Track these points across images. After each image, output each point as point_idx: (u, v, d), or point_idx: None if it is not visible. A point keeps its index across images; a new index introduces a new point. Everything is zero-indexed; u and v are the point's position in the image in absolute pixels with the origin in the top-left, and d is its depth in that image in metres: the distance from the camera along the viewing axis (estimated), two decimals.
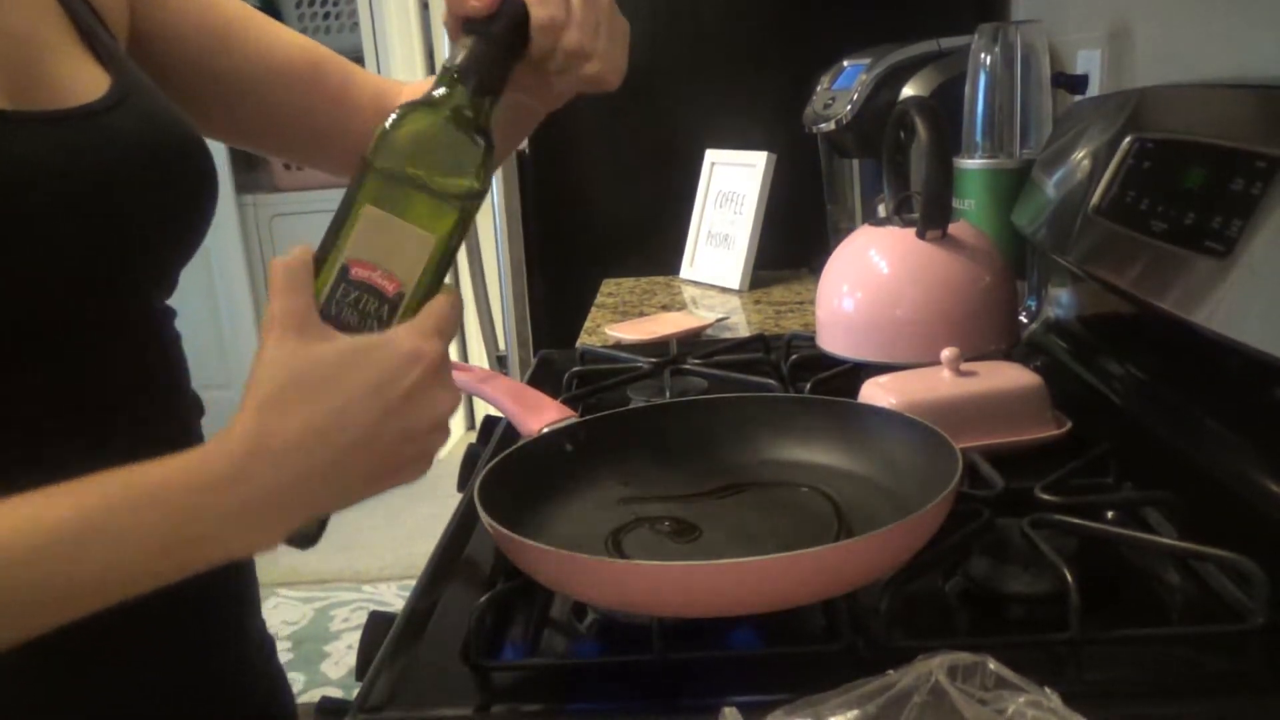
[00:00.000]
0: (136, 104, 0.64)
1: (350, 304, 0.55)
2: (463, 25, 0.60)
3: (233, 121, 0.80)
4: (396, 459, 0.53)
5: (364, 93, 0.83)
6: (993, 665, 0.45)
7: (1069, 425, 0.85)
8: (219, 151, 3.64)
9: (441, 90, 0.58)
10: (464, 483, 0.95)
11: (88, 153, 0.60)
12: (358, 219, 0.56)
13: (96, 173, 0.60)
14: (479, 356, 2.42)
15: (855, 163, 1.53)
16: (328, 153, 0.83)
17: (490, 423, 1.01)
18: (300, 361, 0.52)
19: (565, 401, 0.95)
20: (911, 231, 0.99)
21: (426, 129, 0.57)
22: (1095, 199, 0.93)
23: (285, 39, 0.81)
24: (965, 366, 0.86)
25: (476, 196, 0.58)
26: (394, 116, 0.57)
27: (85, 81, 0.63)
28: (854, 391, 0.88)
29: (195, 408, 0.70)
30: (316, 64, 0.81)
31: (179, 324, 0.69)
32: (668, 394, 1.01)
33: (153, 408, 0.64)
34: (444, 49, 1.85)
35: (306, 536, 0.56)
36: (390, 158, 0.56)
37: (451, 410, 0.55)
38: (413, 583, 0.70)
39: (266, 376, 0.51)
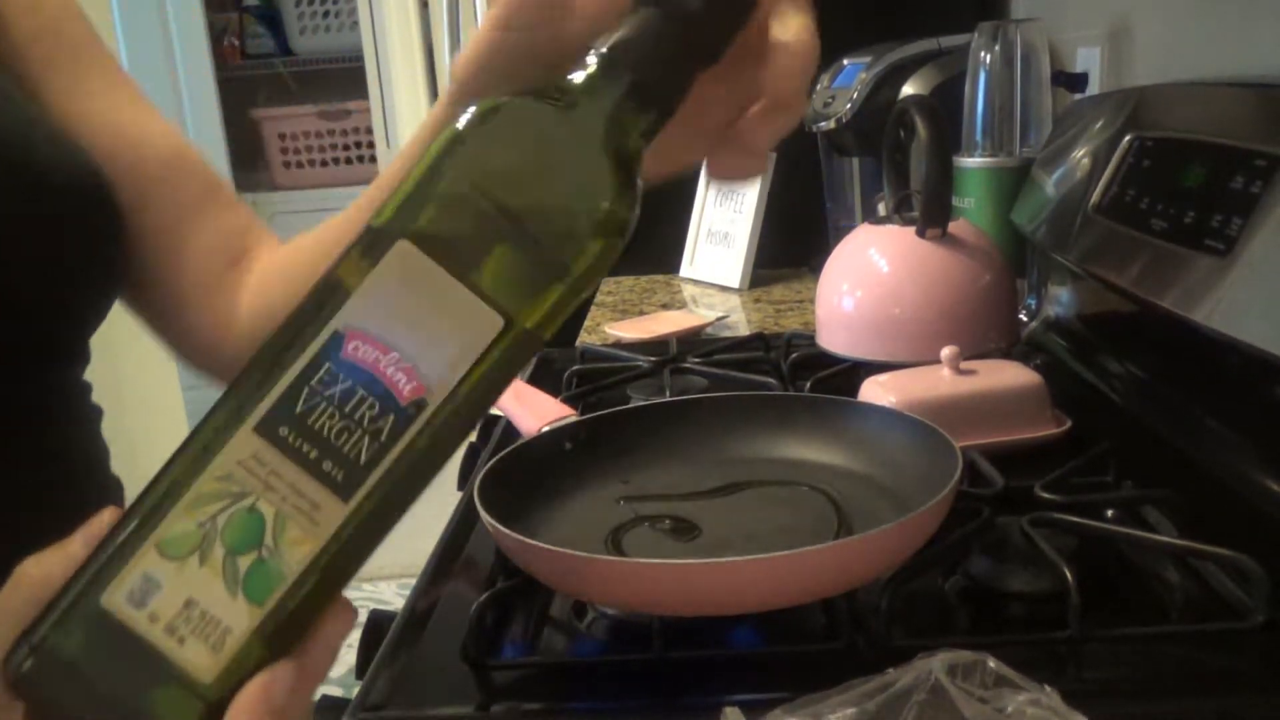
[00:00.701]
0: None
1: (333, 401, 0.33)
2: None
3: None
4: None
5: (227, 222, 0.63)
6: (992, 663, 0.45)
7: (1069, 424, 0.84)
8: (217, 146, 3.59)
9: (579, 76, 0.36)
10: (464, 482, 0.95)
11: None
12: (382, 259, 0.34)
13: None
14: None
15: (855, 161, 1.53)
16: (143, 294, 0.61)
17: (490, 422, 1.01)
18: None
19: (565, 400, 0.95)
20: (911, 230, 0.99)
21: (535, 132, 0.35)
22: (1095, 197, 0.93)
23: (145, 115, 0.61)
24: (965, 365, 0.86)
25: (598, 262, 0.35)
26: (476, 108, 0.35)
27: None
28: (854, 390, 0.88)
29: (115, 492, 0.60)
30: (180, 159, 0.61)
31: None
32: (667, 392, 1.01)
33: (63, 496, 0.53)
34: (444, 50, 1.83)
35: None
36: (461, 172, 0.34)
37: None
38: (413, 582, 0.70)
39: None
